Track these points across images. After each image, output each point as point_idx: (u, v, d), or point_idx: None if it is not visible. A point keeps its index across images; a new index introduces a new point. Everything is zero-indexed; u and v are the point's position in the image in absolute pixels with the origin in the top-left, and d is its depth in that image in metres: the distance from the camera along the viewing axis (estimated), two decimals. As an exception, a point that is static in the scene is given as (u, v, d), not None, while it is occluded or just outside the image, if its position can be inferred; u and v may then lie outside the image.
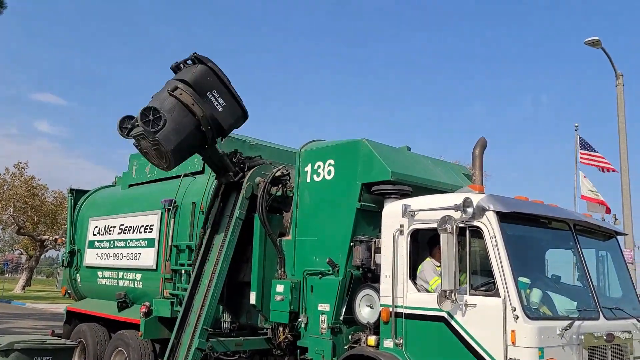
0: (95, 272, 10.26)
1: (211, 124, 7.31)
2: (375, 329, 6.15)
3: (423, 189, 6.73)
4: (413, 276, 5.96)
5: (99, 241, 10.35)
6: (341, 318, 6.66)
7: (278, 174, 7.86)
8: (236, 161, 8.11)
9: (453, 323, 5.39)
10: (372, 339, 6.11)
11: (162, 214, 8.89)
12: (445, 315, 5.43)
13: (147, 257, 9.07)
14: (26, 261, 50.48)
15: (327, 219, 6.97)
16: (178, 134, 7.08)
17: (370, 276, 6.48)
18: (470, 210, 5.37)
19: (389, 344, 5.89)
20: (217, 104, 7.36)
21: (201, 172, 8.86)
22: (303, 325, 6.94)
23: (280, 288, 7.17)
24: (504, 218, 5.43)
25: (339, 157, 7.01)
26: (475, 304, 5.27)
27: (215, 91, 7.35)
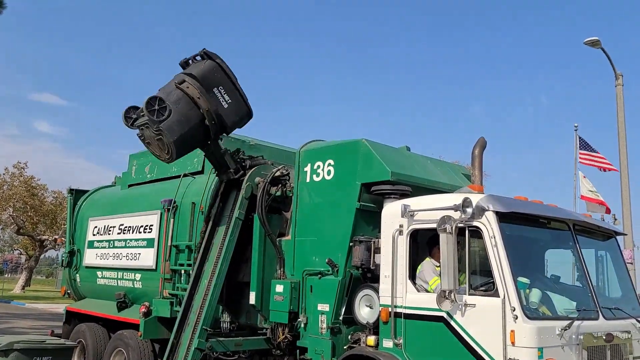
0: (95, 272, 10.26)
1: (215, 119, 7.34)
2: (375, 329, 6.15)
3: (422, 189, 6.74)
4: (412, 276, 5.96)
5: (98, 241, 10.35)
6: (341, 318, 6.66)
7: (277, 174, 7.86)
8: (238, 159, 8.13)
9: (452, 323, 5.39)
10: (371, 339, 6.11)
11: (161, 214, 8.89)
12: (444, 315, 5.43)
13: (147, 257, 9.07)
14: (26, 261, 50.43)
15: (326, 219, 6.97)
16: (182, 125, 7.11)
17: (369, 276, 6.48)
18: (469, 211, 5.38)
19: (388, 344, 5.89)
20: (222, 100, 7.39)
21: (201, 172, 8.86)
22: (302, 325, 6.95)
23: (279, 288, 7.17)
24: (503, 218, 5.43)
25: (339, 157, 7.02)
26: (475, 304, 5.27)
27: (222, 87, 7.40)
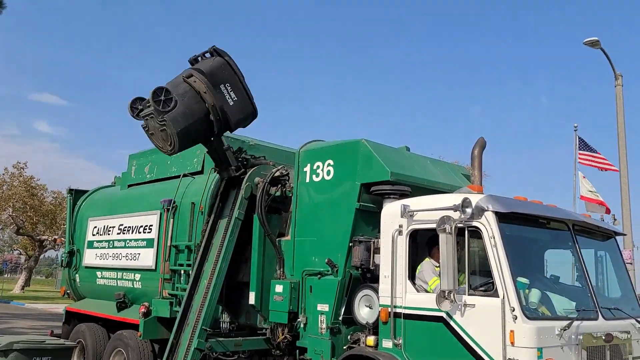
0: (95, 273, 10.25)
1: (220, 115, 7.39)
2: (374, 329, 6.15)
3: (422, 189, 6.74)
4: (412, 276, 5.96)
5: (98, 241, 10.34)
6: (340, 318, 6.66)
7: (277, 174, 7.86)
8: (240, 158, 8.16)
9: (452, 323, 5.39)
10: (371, 339, 6.11)
11: (161, 214, 8.88)
12: (444, 315, 5.43)
13: (146, 257, 9.07)
14: (25, 261, 50.37)
15: (326, 219, 6.97)
16: (187, 118, 7.16)
17: (369, 276, 6.48)
18: (469, 211, 5.38)
19: (387, 344, 5.89)
20: (228, 97, 7.45)
21: (200, 172, 8.86)
22: (302, 326, 6.94)
23: (279, 288, 7.17)
24: (502, 218, 5.43)
25: (338, 157, 7.02)
26: (474, 304, 5.27)
27: (228, 85, 7.46)
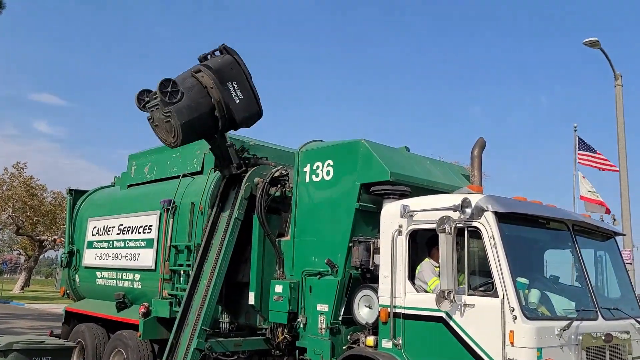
0: (94, 273, 10.25)
1: (225, 111, 7.44)
2: (374, 329, 6.15)
3: (422, 189, 6.73)
4: (412, 277, 5.96)
5: (97, 241, 10.34)
6: (340, 318, 6.66)
7: (277, 174, 7.86)
8: (242, 156, 8.19)
9: (451, 323, 5.39)
10: (370, 339, 6.11)
11: (160, 214, 8.88)
12: (443, 315, 5.43)
13: (146, 258, 9.06)
14: (25, 261, 50.34)
15: (326, 220, 6.97)
16: (192, 111, 7.21)
17: (369, 276, 6.47)
18: (468, 211, 5.38)
19: (387, 344, 5.89)
20: (235, 95, 7.51)
21: (200, 173, 8.86)
22: (302, 326, 6.94)
23: (279, 288, 7.17)
24: (502, 218, 5.43)
25: (338, 157, 7.01)
26: (474, 305, 5.27)
27: (235, 82, 7.52)
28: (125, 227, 9.71)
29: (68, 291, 11.31)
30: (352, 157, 6.86)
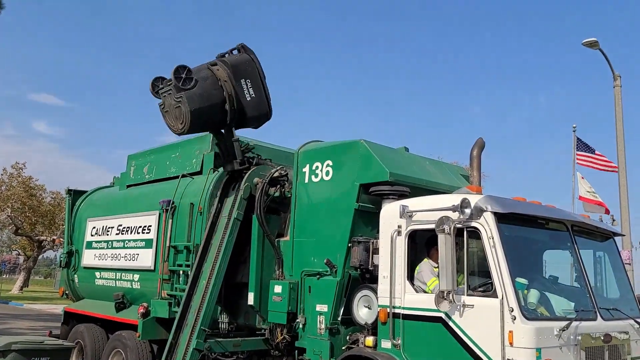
0: (93, 273, 10.24)
1: (236, 106, 7.58)
2: (373, 329, 6.15)
3: (421, 189, 6.74)
4: (411, 277, 5.96)
5: (96, 242, 10.33)
6: (339, 319, 6.66)
7: (276, 174, 7.86)
8: (247, 155, 8.24)
9: (451, 324, 5.39)
10: (369, 340, 6.11)
11: (160, 214, 8.88)
12: (442, 316, 5.43)
13: (145, 258, 9.06)
14: (24, 262, 50.25)
15: (325, 220, 6.97)
16: (203, 99, 7.37)
17: (368, 277, 6.48)
18: (468, 211, 5.38)
19: (386, 344, 5.89)
20: (247, 92, 7.70)
21: (199, 173, 8.85)
22: (301, 326, 6.94)
23: (278, 289, 7.17)
24: (501, 219, 5.43)
25: (337, 157, 7.02)
26: (473, 305, 5.28)
27: (249, 81, 7.71)
28: (125, 228, 9.71)
29: (67, 291, 11.30)
30: (351, 157, 6.87)
